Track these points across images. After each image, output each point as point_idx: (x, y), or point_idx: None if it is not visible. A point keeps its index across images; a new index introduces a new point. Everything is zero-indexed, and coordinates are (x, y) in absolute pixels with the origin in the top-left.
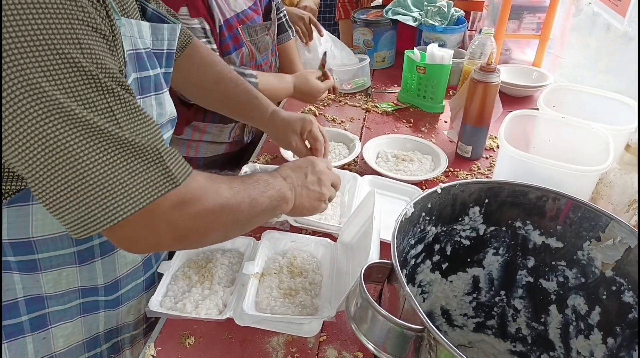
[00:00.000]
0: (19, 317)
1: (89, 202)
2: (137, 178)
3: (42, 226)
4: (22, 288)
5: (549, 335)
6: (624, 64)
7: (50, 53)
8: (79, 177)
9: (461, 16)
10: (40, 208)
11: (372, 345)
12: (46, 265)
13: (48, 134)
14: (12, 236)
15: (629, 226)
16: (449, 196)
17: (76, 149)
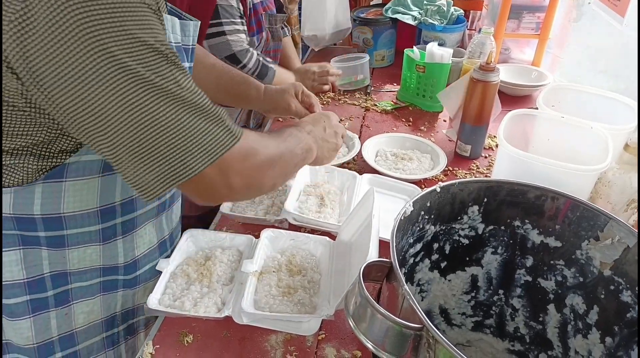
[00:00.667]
0: (45, 291)
1: (170, 158)
2: (206, 134)
3: (72, 202)
4: (48, 264)
5: (547, 334)
6: (623, 64)
7: (123, 32)
8: (160, 136)
9: (461, 15)
10: (73, 185)
11: (371, 343)
12: (73, 241)
13: (130, 100)
14: (45, 212)
15: (627, 226)
16: (448, 195)
17: (155, 111)
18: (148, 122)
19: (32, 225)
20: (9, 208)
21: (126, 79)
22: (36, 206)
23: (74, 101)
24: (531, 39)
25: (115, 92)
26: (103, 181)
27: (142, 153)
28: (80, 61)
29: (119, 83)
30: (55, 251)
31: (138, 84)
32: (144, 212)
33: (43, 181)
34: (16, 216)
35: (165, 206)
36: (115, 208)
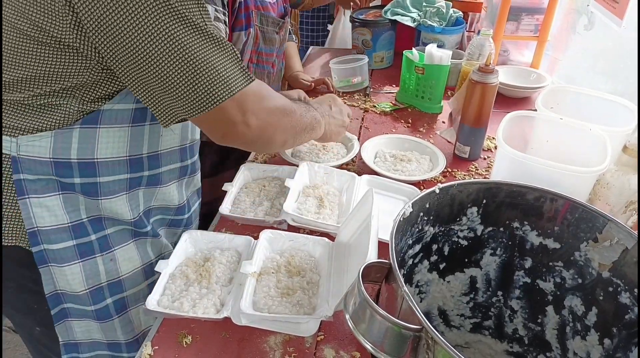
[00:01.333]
0: (88, 236)
1: (198, 87)
2: (228, 70)
3: (105, 149)
4: (85, 209)
5: (546, 336)
6: (621, 65)
7: None
8: (189, 66)
9: (460, 17)
10: (106, 131)
11: (370, 344)
12: (105, 190)
13: (165, 30)
14: (80, 156)
15: (626, 228)
16: (447, 196)
17: (187, 42)
18: (179, 51)
19: (68, 169)
20: (48, 152)
21: (162, 10)
22: (73, 151)
23: (120, 32)
24: (530, 41)
25: (154, 23)
26: (132, 131)
27: (170, 80)
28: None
29: (159, 15)
30: (90, 200)
31: (174, 16)
32: (168, 170)
33: (80, 126)
34: (55, 160)
35: (187, 171)
36: (142, 159)
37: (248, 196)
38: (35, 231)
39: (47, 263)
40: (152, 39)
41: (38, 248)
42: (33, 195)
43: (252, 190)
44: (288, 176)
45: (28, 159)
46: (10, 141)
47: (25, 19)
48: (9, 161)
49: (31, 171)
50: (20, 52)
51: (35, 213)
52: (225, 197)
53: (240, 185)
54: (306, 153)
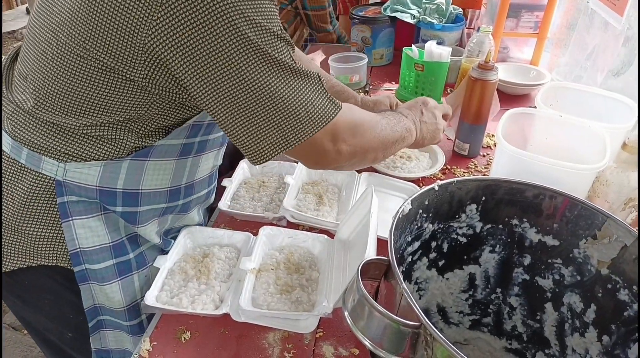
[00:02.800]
0: (127, 254)
1: (290, 124)
2: (318, 102)
3: (150, 180)
4: (123, 228)
5: (545, 333)
6: (621, 63)
7: (253, 22)
8: (279, 105)
9: (459, 14)
10: (154, 164)
11: (369, 341)
12: (142, 218)
13: (253, 72)
14: (126, 186)
15: (625, 225)
16: (446, 193)
17: (274, 82)
18: (270, 93)
19: (113, 198)
20: (96, 180)
21: (253, 55)
22: (120, 181)
23: (210, 77)
24: (530, 37)
25: (244, 67)
26: (177, 164)
27: (262, 121)
28: (220, 42)
29: (248, 58)
30: (130, 226)
31: (263, 58)
32: (197, 197)
33: (130, 159)
34: (101, 188)
35: (210, 194)
36: (180, 189)
37: (247, 192)
38: (78, 252)
39: (87, 281)
40: (243, 83)
41: (80, 268)
42: (77, 217)
43: (251, 186)
44: (287, 173)
45: (74, 184)
46: (58, 165)
47: (100, 50)
48: (51, 183)
49: (75, 194)
50: (82, 78)
51: (78, 234)
52: (224, 193)
53: (239, 181)
54: None
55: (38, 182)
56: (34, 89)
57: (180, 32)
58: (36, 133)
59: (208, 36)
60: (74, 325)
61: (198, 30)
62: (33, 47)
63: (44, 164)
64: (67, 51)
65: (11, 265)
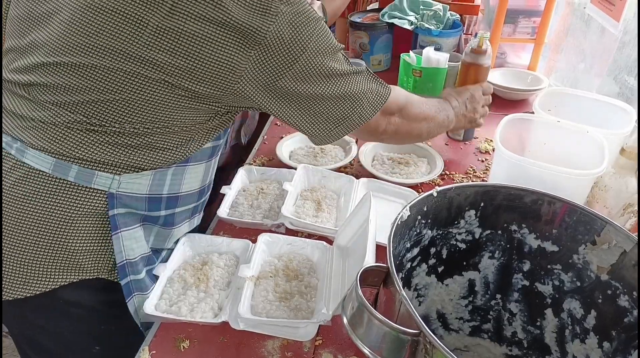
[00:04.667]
0: (153, 263)
1: (352, 113)
2: (371, 90)
3: (188, 183)
4: (153, 240)
5: (545, 339)
6: (618, 68)
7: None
8: (345, 101)
9: (457, 20)
10: (191, 168)
11: (368, 349)
12: (178, 219)
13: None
14: (169, 191)
15: (624, 230)
16: (444, 199)
17: (342, 84)
18: (336, 95)
19: (158, 203)
20: (146, 189)
21: (328, 78)
22: (165, 187)
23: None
24: (527, 43)
25: (320, 90)
26: (207, 165)
27: (331, 116)
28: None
29: (324, 82)
30: (164, 230)
31: (332, 76)
32: (209, 194)
33: (176, 166)
34: (150, 195)
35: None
36: (205, 188)
37: (246, 199)
38: (125, 264)
39: (132, 294)
40: (319, 100)
41: (126, 281)
42: (124, 228)
43: (250, 193)
44: (286, 179)
45: (126, 195)
46: (112, 178)
47: (191, 80)
48: (102, 196)
49: (125, 205)
50: (159, 101)
51: (125, 246)
52: (223, 200)
53: (238, 188)
54: (304, 156)
55: (88, 197)
56: (84, 106)
57: (270, 73)
58: (90, 148)
59: (293, 77)
60: (101, 338)
61: (285, 71)
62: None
63: (97, 178)
64: (139, 74)
65: (52, 284)
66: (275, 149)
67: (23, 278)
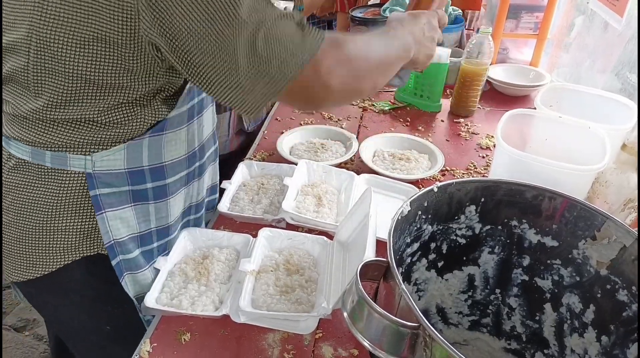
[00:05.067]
0: (151, 244)
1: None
2: (294, 39)
3: (170, 152)
4: (155, 220)
5: (544, 333)
6: (620, 64)
7: None
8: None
9: (459, 15)
10: (169, 136)
11: (368, 342)
12: (172, 189)
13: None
14: (151, 163)
15: (624, 226)
16: (445, 194)
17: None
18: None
19: (141, 176)
20: (123, 163)
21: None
22: (144, 159)
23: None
24: (529, 39)
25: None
26: (188, 130)
27: (244, 75)
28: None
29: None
30: (158, 204)
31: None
32: (207, 156)
33: (149, 136)
34: (129, 170)
35: (217, 152)
36: (195, 153)
37: (247, 194)
38: (113, 244)
39: (123, 274)
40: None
41: (116, 261)
42: (109, 209)
43: (250, 188)
44: (286, 175)
45: (104, 173)
46: (85, 159)
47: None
48: (81, 177)
49: (107, 184)
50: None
51: (111, 226)
52: (223, 195)
53: (239, 183)
54: (305, 151)
55: (68, 180)
56: (35, 90)
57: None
58: (56, 133)
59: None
60: (111, 317)
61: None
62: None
63: (71, 161)
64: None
65: (52, 265)
66: (275, 145)
67: (27, 261)
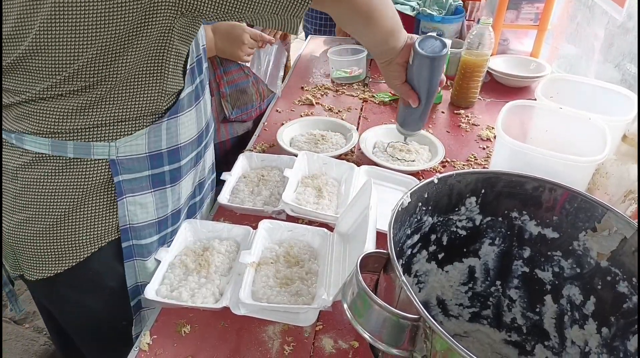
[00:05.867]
0: (166, 229)
1: None
2: None
3: (184, 133)
4: (171, 203)
5: (544, 325)
6: (621, 54)
7: None
8: None
9: (459, 6)
10: (183, 117)
11: (368, 334)
12: (184, 170)
13: None
14: (169, 145)
15: (624, 217)
16: (445, 186)
17: None
18: None
19: (159, 160)
20: (145, 147)
21: None
22: (163, 141)
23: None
24: (530, 29)
25: None
26: (197, 109)
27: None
28: None
29: None
30: (174, 187)
31: None
32: (210, 134)
33: (167, 119)
34: (150, 154)
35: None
36: (203, 132)
37: (247, 186)
38: (128, 228)
39: (132, 258)
40: None
41: (127, 244)
42: (129, 194)
43: (250, 180)
44: (287, 166)
45: (127, 159)
46: (109, 145)
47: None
48: (105, 164)
49: (129, 170)
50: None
51: (129, 211)
52: (223, 186)
53: (239, 175)
54: (305, 142)
55: (92, 168)
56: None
57: None
58: (79, 118)
59: None
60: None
61: None
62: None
63: (95, 149)
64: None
65: (81, 255)
66: (276, 136)
67: (54, 254)
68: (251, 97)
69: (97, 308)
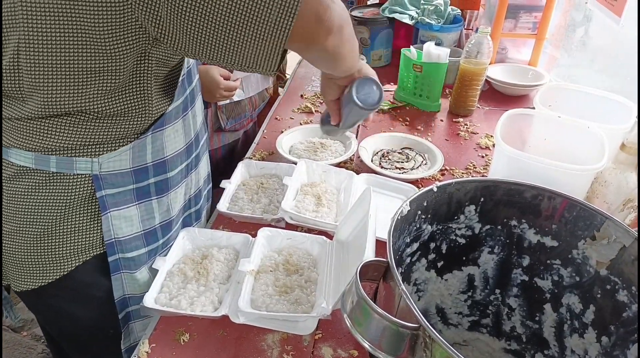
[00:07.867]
0: (157, 241)
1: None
2: None
3: (170, 145)
4: (159, 215)
5: (544, 334)
6: (619, 63)
7: None
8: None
9: (458, 15)
10: (168, 130)
11: (368, 343)
12: (173, 183)
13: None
14: (154, 159)
15: (623, 225)
16: (444, 194)
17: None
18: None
19: (145, 174)
20: (129, 163)
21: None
22: (148, 155)
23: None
24: (528, 38)
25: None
26: (184, 122)
27: (245, 40)
28: None
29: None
30: (161, 199)
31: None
32: (202, 145)
33: (152, 132)
34: (135, 168)
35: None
36: (192, 144)
37: (246, 194)
38: (113, 242)
39: (119, 271)
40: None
41: (114, 258)
42: (113, 209)
43: (249, 187)
44: (286, 174)
45: (110, 174)
46: (92, 161)
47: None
48: (88, 179)
49: (112, 185)
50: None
51: (114, 225)
52: (222, 194)
53: (238, 182)
54: (304, 150)
55: (74, 183)
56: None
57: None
58: (61, 135)
59: None
60: (110, 321)
61: None
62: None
63: (77, 164)
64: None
65: (65, 268)
66: (275, 144)
67: (37, 267)
68: (244, 107)
69: (84, 317)
